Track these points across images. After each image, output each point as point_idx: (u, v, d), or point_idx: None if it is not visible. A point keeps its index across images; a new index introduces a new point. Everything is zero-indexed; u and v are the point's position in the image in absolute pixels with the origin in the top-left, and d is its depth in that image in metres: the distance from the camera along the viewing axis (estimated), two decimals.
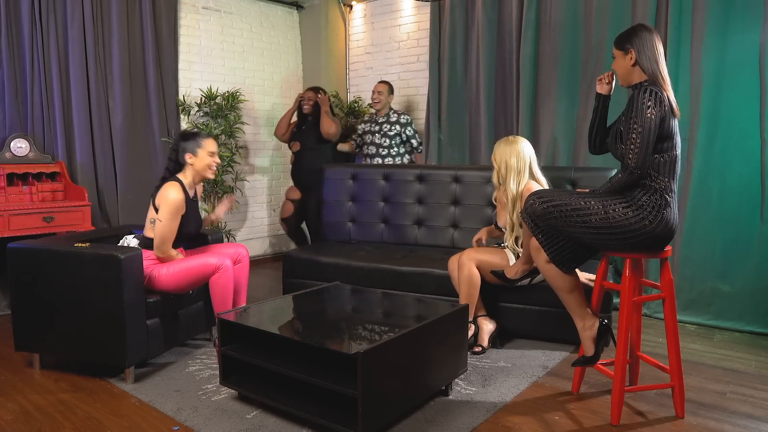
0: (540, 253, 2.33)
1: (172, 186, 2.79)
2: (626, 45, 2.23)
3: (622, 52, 2.25)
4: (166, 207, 2.75)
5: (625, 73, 2.27)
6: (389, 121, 4.73)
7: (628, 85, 2.29)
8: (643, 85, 2.18)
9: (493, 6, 4.40)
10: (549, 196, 2.28)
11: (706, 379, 2.70)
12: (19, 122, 3.88)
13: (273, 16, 5.59)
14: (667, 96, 2.15)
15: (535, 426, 2.23)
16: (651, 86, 2.14)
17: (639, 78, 2.23)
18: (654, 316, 3.64)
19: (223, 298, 2.82)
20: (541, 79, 4.17)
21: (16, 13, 3.83)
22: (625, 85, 2.30)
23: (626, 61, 2.24)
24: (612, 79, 2.40)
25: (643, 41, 2.20)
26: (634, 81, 2.25)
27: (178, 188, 2.79)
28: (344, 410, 2.11)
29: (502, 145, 3.04)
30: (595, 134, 2.44)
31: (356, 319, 2.61)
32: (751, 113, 3.33)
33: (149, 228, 2.82)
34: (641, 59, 2.20)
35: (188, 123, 4.83)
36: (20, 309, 2.70)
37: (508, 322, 3.13)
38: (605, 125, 2.44)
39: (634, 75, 2.24)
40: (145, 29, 4.48)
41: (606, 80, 2.40)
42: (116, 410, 2.37)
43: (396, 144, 4.72)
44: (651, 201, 2.15)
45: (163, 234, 2.75)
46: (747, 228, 3.37)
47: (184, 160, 2.85)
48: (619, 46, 2.27)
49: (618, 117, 2.36)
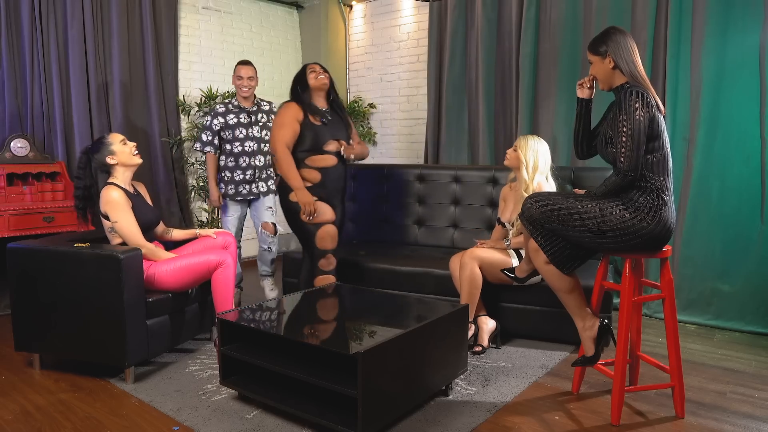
0: (539, 254, 2.33)
1: (106, 189, 2.77)
2: (602, 49, 2.24)
3: (599, 57, 2.26)
4: (111, 207, 2.74)
5: (606, 77, 2.27)
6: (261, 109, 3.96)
7: (609, 89, 2.30)
8: (625, 87, 2.19)
9: (493, 6, 4.41)
10: (546, 199, 2.28)
11: (706, 379, 2.70)
12: (19, 122, 3.88)
13: (273, 16, 5.59)
14: (652, 95, 2.16)
15: (535, 426, 2.23)
16: (635, 87, 2.14)
17: (620, 80, 2.24)
18: (654, 316, 3.64)
19: (225, 294, 2.83)
20: (541, 79, 4.17)
21: (16, 13, 3.83)
22: (607, 89, 2.31)
23: (605, 65, 2.25)
24: (593, 84, 2.40)
25: (617, 44, 2.21)
26: (616, 84, 2.26)
27: (112, 187, 2.78)
28: (344, 410, 2.11)
29: (531, 141, 3.02)
30: (581, 139, 2.45)
31: (356, 319, 2.61)
32: (751, 113, 3.33)
33: (113, 237, 2.81)
34: (619, 62, 2.21)
35: (188, 123, 4.83)
36: (20, 309, 2.70)
37: (508, 322, 3.13)
38: (590, 129, 2.44)
39: (615, 78, 2.25)
40: (145, 29, 4.48)
41: (587, 84, 2.41)
42: (116, 410, 2.37)
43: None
44: (648, 202, 2.15)
45: (127, 230, 2.75)
46: (747, 228, 3.37)
47: (108, 163, 2.82)
48: (594, 51, 2.27)
49: (601, 121, 2.37)
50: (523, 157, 3.00)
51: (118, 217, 2.74)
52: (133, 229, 2.76)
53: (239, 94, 3.83)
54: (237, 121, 3.80)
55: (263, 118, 3.88)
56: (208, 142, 3.82)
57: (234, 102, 3.87)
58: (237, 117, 3.81)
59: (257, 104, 3.90)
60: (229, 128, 3.80)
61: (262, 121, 3.87)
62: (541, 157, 3.00)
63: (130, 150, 2.87)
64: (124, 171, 2.87)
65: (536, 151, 2.99)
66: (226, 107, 3.83)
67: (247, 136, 3.81)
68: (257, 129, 3.84)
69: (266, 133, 3.85)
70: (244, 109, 3.83)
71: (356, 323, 2.52)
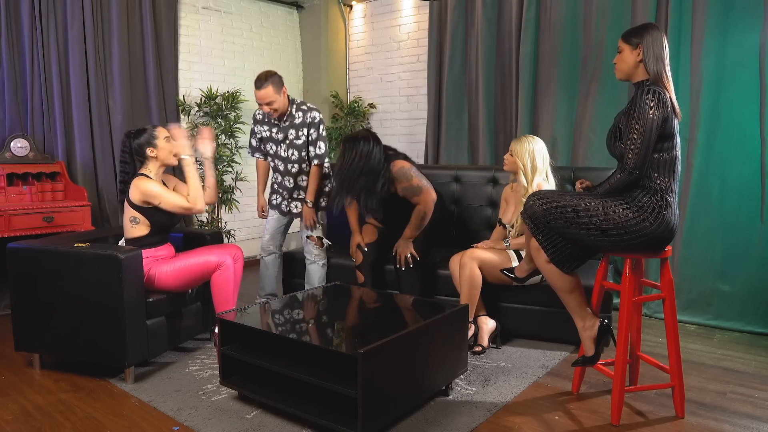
0: (540, 253, 2.33)
1: (144, 180, 2.78)
2: (636, 40, 2.20)
3: (630, 47, 2.22)
4: (150, 196, 2.75)
5: (628, 69, 2.24)
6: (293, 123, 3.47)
7: (626, 79, 2.28)
8: (645, 84, 2.18)
9: (493, 6, 4.41)
10: (549, 197, 2.27)
11: (706, 379, 2.70)
12: (19, 122, 3.88)
13: (273, 16, 5.60)
14: (669, 96, 2.15)
15: (535, 426, 2.23)
16: (653, 86, 2.13)
17: (642, 76, 2.22)
18: (654, 316, 3.64)
19: (224, 296, 2.83)
20: (541, 79, 4.17)
21: (16, 13, 3.83)
22: (624, 79, 2.28)
23: (633, 56, 2.21)
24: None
25: (654, 40, 2.18)
26: (636, 78, 2.24)
27: (144, 178, 2.78)
28: (344, 410, 2.11)
29: (525, 144, 3.01)
30: None
31: (356, 319, 2.61)
32: (751, 113, 3.33)
33: (131, 229, 2.81)
34: (648, 57, 2.18)
35: (188, 123, 4.83)
36: (20, 309, 2.70)
37: (508, 322, 3.13)
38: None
39: (637, 72, 2.23)
40: (145, 29, 4.48)
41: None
42: (116, 410, 2.37)
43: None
44: (651, 202, 2.14)
45: (172, 204, 2.77)
46: (747, 228, 3.37)
47: (146, 154, 2.82)
48: (628, 40, 2.23)
49: (617, 116, 2.36)
50: (519, 161, 3.00)
51: (161, 199, 2.76)
52: (176, 200, 2.78)
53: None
54: (269, 135, 3.49)
55: (292, 134, 3.42)
56: (255, 147, 3.60)
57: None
58: (270, 130, 3.48)
59: (290, 116, 3.41)
60: (263, 141, 3.54)
61: (290, 137, 3.42)
62: (538, 156, 2.99)
63: (171, 149, 2.87)
64: (159, 167, 2.88)
65: (532, 152, 2.99)
66: (263, 114, 3.50)
67: (276, 154, 3.49)
68: (284, 147, 3.45)
69: (293, 152, 3.43)
70: (275, 123, 3.46)
71: (356, 323, 2.52)
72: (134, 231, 2.81)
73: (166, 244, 2.92)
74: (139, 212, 2.78)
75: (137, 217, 2.79)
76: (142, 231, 2.81)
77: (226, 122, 4.83)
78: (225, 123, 4.83)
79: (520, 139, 3.05)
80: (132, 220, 2.80)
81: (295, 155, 3.44)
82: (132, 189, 2.77)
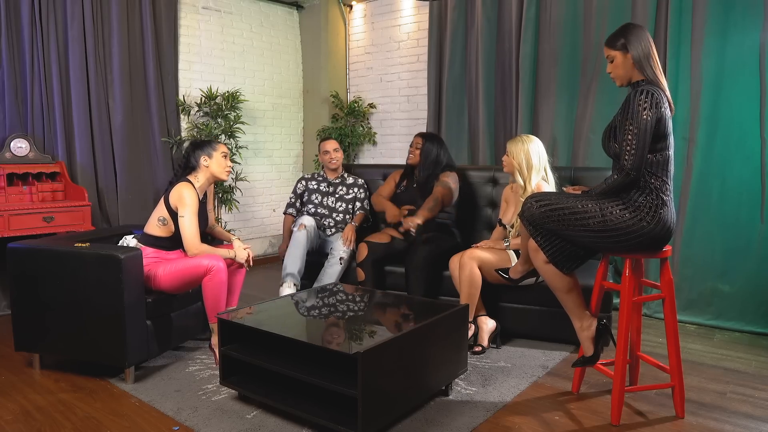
0: (538, 253, 2.33)
1: (186, 187, 2.83)
2: (624, 43, 2.21)
3: (621, 52, 2.23)
4: (183, 204, 2.79)
5: (626, 73, 2.25)
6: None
7: (627, 84, 2.28)
8: (640, 84, 2.18)
9: (492, 6, 4.41)
10: (546, 199, 2.27)
11: (706, 379, 2.70)
12: (19, 122, 3.88)
13: (273, 16, 5.59)
14: (663, 93, 2.15)
15: (535, 426, 2.24)
16: (648, 86, 2.13)
17: (639, 76, 2.22)
18: (654, 316, 3.64)
19: (215, 300, 2.77)
20: (541, 79, 4.17)
21: (16, 13, 3.83)
22: (625, 85, 2.29)
23: (627, 60, 2.22)
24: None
25: (638, 38, 2.20)
26: (635, 79, 2.24)
27: (192, 189, 2.84)
28: (344, 410, 2.11)
29: (519, 144, 3.02)
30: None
31: (356, 319, 2.61)
32: (751, 113, 3.33)
33: (155, 226, 2.84)
34: (640, 58, 2.19)
35: (188, 123, 4.83)
36: (20, 309, 2.70)
37: (508, 322, 3.13)
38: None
39: (635, 74, 2.23)
40: (145, 29, 4.48)
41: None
42: (116, 410, 2.37)
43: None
44: (648, 201, 2.15)
45: (188, 231, 2.79)
46: (747, 228, 3.37)
47: (199, 163, 2.90)
48: (614, 46, 2.24)
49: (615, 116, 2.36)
50: (515, 161, 3.01)
51: (188, 217, 2.79)
52: (194, 231, 2.80)
53: (327, 167, 3.91)
54: (316, 187, 3.90)
55: (342, 190, 3.89)
56: (290, 203, 3.94)
57: (321, 173, 3.99)
58: (318, 184, 3.91)
59: (342, 177, 3.93)
60: (308, 191, 3.90)
61: (340, 192, 3.88)
62: (533, 154, 2.99)
63: (224, 166, 2.94)
64: (207, 179, 2.94)
65: (527, 151, 2.99)
66: (312, 175, 3.97)
67: (321, 203, 3.85)
68: (333, 200, 3.86)
69: (341, 204, 3.85)
70: (327, 179, 3.92)
71: (356, 323, 2.52)
72: (157, 230, 2.84)
73: (177, 250, 2.92)
74: (170, 215, 2.82)
75: (167, 219, 2.82)
76: (164, 233, 2.84)
77: (226, 122, 4.83)
78: (225, 123, 4.83)
79: (515, 139, 3.07)
80: (160, 219, 2.83)
81: (342, 207, 3.85)
82: (173, 191, 2.82)
